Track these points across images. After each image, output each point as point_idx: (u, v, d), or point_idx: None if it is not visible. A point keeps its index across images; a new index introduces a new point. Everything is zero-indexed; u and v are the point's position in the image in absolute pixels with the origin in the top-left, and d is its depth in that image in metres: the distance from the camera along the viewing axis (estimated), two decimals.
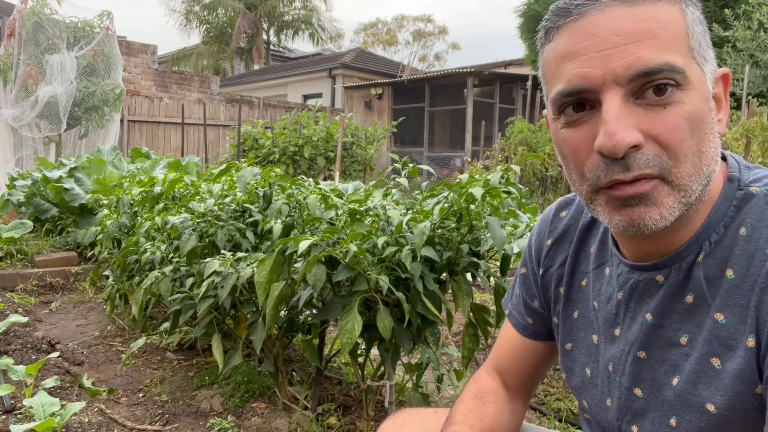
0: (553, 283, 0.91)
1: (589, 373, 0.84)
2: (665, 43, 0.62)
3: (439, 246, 1.69)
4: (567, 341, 0.89)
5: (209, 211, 2.18)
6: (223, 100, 14.52)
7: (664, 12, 0.64)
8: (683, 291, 0.70)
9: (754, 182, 0.69)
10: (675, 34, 0.63)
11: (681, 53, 0.63)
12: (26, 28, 7.95)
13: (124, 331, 3.19)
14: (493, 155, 9.40)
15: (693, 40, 0.64)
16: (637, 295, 0.75)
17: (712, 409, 0.66)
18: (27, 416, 2.03)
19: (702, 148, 0.64)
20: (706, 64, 0.66)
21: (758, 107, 8.11)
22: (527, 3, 13.47)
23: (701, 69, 0.65)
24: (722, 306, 0.66)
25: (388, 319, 1.54)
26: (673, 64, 0.62)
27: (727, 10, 11.56)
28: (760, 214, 0.66)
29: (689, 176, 0.64)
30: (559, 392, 2.44)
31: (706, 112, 0.64)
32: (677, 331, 0.70)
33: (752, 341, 0.63)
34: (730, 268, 0.66)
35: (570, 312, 0.88)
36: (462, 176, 1.76)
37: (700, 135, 0.64)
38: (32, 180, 5.25)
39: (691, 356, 0.68)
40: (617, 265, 0.79)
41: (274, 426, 1.96)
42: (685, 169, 0.63)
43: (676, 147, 0.62)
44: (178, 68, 21.65)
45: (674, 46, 0.63)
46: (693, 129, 0.63)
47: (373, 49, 27.00)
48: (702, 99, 0.64)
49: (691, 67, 0.64)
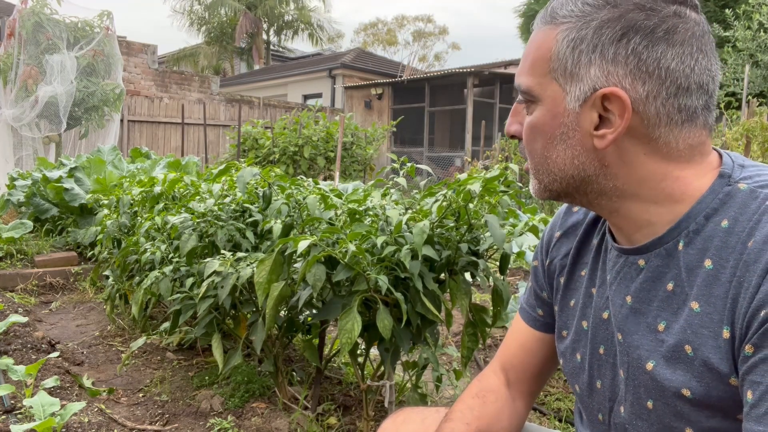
0: (556, 273, 0.95)
1: (579, 359, 0.87)
2: (528, 64, 0.76)
3: (438, 245, 1.69)
4: (563, 328, 0.92)
5: (209, 211, 2.18)
6: (223, 100, 14.52)
7: (541, 37, 0.75)
8: (664, 278, 0.73)
9: (744, 179, 0.71)
10: (538, 57, 0.75)
11: (536, 74, 0.75)
12: (26, 28, 7.95)
13: (124, 331, 3.19)
14: (493, 155, 9.40)
15: (556, 61, 0.73)
16: (621, 278, 0.79)
17: (688, 395, 0.68)
18: (27, 416, 2.03)
19: (546, 153, 0.77)
20: (571, 84, 0.73)
21: (758, 107, 8.11)
22: (527, 3, 13.48)
23: (562, 88, 0.73)
24: (698, 295, 0.68)
25: (388, 318, 1.54)
26: (521, 83, 0.77)
27: (727, 10, 11.56)
28: (743, 208, 0.68)
29: (535, 170, 0.80)
30: (559, 392, 2.44)
31: (550, 125, 0.75)
32: (656, 317, 0.73)
33: (727, 333, 0.65)
34: (708, 259, 0.68)
35: (567, 300, 0.92)
36: (461, 176, 1.76)
37: (544, 142, 0.77)
38: (32, 180, 5.25)
39: (666, 342, 0.71)
40: (610, 251, 0.83)
41: (274, 426, 1.96)
42: (532, 163, 0.80)
43: (526, 146, 0.80)
44: (178, 68, 21.64)
45: (533, 68, 0.76)
46: (535, 136, 0.78)
47: (373, 49, 27.02)
48: (549, 114, 0.75)
49: (545, 86, 0.75)
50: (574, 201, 0.81)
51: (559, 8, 0.74)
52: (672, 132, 0.71)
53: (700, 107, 0.72)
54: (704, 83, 0.71)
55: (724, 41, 11.59)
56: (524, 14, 13.37)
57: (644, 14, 0.69)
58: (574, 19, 0.72)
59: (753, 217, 0.66)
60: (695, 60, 0.70)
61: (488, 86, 15.78)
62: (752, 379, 0.61)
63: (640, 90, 0.70)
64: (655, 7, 0.69)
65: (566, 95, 0.73)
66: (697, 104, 0.71)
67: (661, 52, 0.69)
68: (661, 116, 0.70)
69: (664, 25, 0.69)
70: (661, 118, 0.71)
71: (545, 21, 0.76)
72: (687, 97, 0.70)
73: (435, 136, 17.06)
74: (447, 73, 15.90)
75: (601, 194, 0.76)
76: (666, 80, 0.69)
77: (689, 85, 0.70)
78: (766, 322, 0.61)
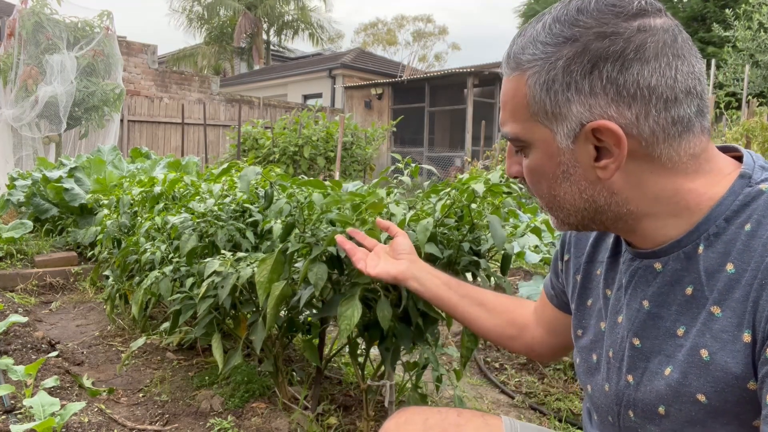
0: (572, 270, 0.95)
1: (595, 359, 0.87)
2: (509, 113, 0.76)
3: (441, 244, 1.69)
4: (578, 328, 0.92)
5: (209, 211, 2.17)
6: (223, 100, 14.52)
7: (513, 85, 0.75)
8: (682, 282, 0.72)
9: (765, 180, 0.69)
10: (516, 105, 0.75)
11: (520, 120, 0.75)
12: (26, 28, 7.95)
13: (124, 331, 3.19)
14: (494, 155, 9.40)
15: (535, 105, 0.72)
16: (635, 282, 0.78)
17: (703, 400, 0.67)
18: (27, 416, 2.02)
19: (553, 192, 0.77)
20: (557, 123, 0.72)
21: (758, 107, 8.12)
22: (527, 3, 13.49)
23: (549, 129, 0.73)
24: (719, 299, 0.67)
25: (388, 309, 1.53)
26: (507, 132, 0.77)
27: (727, 10, 11.56)
28: (766, 211, 0.66)
29: (549, 209, 0.80)
30: (559, 392, 2.44)
31: (549, 165, 0.75)
32: (675, 322, 0.72)
33: (748, 336, 0.64)
34: (730, 263, 0.67)
35: (584, 299, 0.91)
36: (462, 176, 1.76)
37: (548, 183, 0.77)
38: (32, 180, 5.24)
39: (684, 347, 0.70)
40: (624, 253, 0.82)
41: (274, 426, 1.96)
42: (542, 203, 0.80)
43: (532, 188, 0.80)
44: (178, 68, 21.63)
45: (514, 115, 0.75)
46: (537, 178, 0.78)
47: (373, 49, 27.02)
48: (544, 156, 0.75)
49: (533, 130, 0.74)
50: (594, 229, 0.80)
51: (520, 54, 0.73)
52: (672, 146, 0.70)
53: (693, 114, 0.70)
54: (691, 88, 0.69)
55: (724, 41, 11.59)
56: (524, 14, 13.37)
57: (608, 41, 0.67)
58: (540, 62, 0.71)
59: None
60: (674, 69, 0.68)
61: (488, 86, 15.78)
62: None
63: (628, 114, 0.68)
64: (617, 30, 0.67)
65: (555, 135, 0.72)
66: (690, 112, 0.70)
67: (637, 73, 0.67)
68: (657, 133, 0.69)
69: (632, 45, 0.67)
70: (657, 135, 0.69)
71: (511, 68, 0.74)
72: (677, 107, 0.69)
73: (435, 136, 17.06)
74: (447, 73, 15.90)
75: (618, 219, 0.76)
76: (651, 98, 0.68)
77: (676, 95, 0.68)
78: None
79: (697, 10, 13.28)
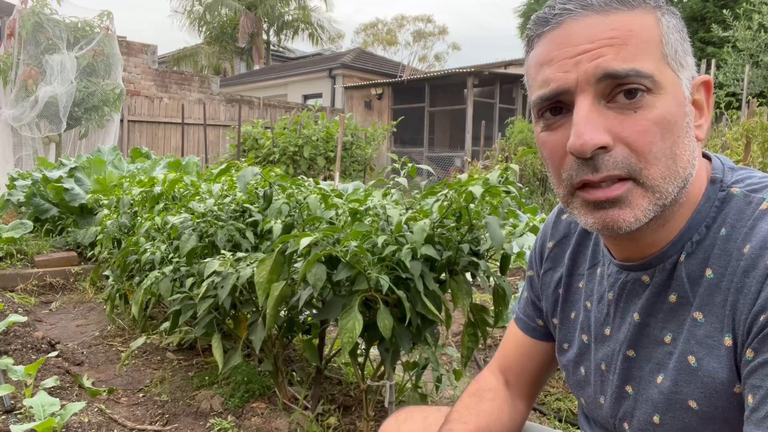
0: (553, 285, 0.93)
1: (584, 372, 0.86)
2: (634, 49, 0.64)
3: (439, 245, 1.69)
4: (564, 341, 0.90)
5: (209, 211, 2.18)
6: (223, 100, 14.51)
7: (638, 20, 0.66)
8: (667, 290, 0.72)
9: (736, 183, 0.70)
10: (646, 42, 0.65)
11: (652, 59, 0.65)
12: (26, 28, 7.94)
13: (124, 331, 3.19)
14: (493, 155, 9.41)
15: (667, 47, 0.66)
16: (626, 295, 0.77)
17: (695, 406, 0.67)
18: (27, 416, 2.03)
19: (676, 150, 0.65)
20: (682, 71, 0.67)
21: (758, 107, 8.12)
22: (527, 3, 13.48)
23: (676, 75, 0.67)
24: (701, 305, 0.67)
25: (389, 318, 1.54)
26: (639, 70, 0.63)
27: (725, 10, 11.56)
28: (739, 214, 0.67)
29: (662, 178, 0.65)
30: (559, 392, 2.44)
31: (678, 116, 0.66)
32: (662, 330, 0.72)
33: (729, 340, 0.64)
34: (709, 268, 0.67)
35: (567, 313, 0.90)
36: (461, 176, 1.76)
37: (673, 138, 0.65)
38: (32, 180, 5.25)
39: (673, 354, 0.70)
40: (608, 266, 0.80)
41: (274, 426, 1.96)
42: (657, 170, 0.65)
43: (646, 150, 0.64)
44: (178, 68, 21.63)
45: (645, 53, 0.65)
46: (664, 132, 0.64)
47: (373, 49, 27.00)
48: (675, 104, 0.66)
49: (664, 72, 0.65)
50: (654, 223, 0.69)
51: None
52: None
53: None
54: None
55: (724, 41, 11.58)
56: (524, 14, 13.38)
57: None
58: (665, 5, 0.69)
59: (748, 223, 0.65)
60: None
61: (488, 86, 15.78)
62: (753, 383, 0.61)
63: None
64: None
65: (681, 82, 0.67)
66: None
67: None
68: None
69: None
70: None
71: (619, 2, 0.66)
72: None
73: (435, 136, 17.06)
74: (447, 73, 15.90)
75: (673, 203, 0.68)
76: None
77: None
78: (766, 326, 0.60)
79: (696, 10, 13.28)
